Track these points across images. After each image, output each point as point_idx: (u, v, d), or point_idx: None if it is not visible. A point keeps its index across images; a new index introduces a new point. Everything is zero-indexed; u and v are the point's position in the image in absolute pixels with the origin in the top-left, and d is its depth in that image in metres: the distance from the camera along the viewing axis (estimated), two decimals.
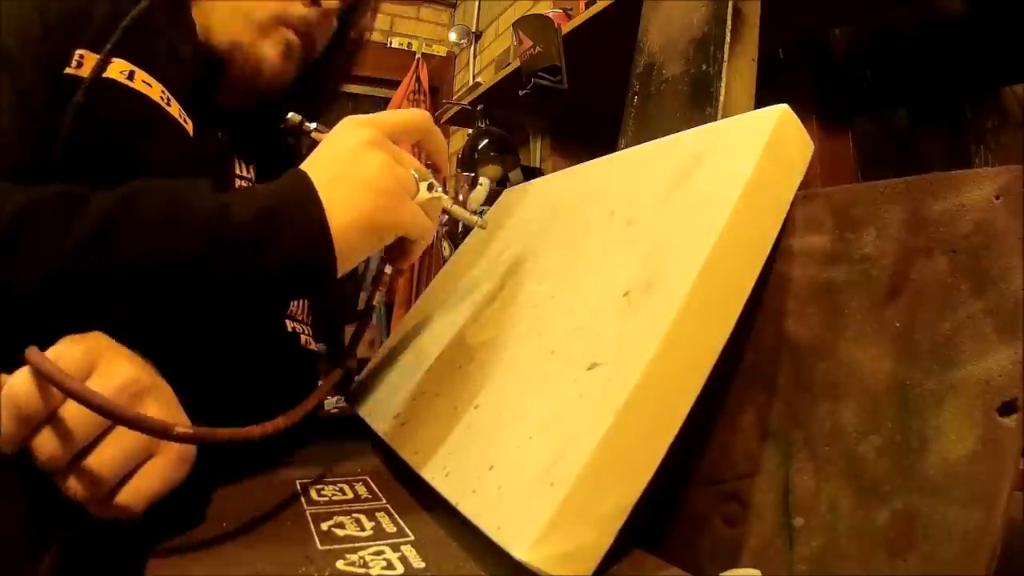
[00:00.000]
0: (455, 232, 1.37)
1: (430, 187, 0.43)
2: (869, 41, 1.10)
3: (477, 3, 2.44)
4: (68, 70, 0.43)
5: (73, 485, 0.31)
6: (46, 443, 0.30)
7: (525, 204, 0.59)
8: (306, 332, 0.60)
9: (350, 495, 0.41)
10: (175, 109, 0.48)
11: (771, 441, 0.32)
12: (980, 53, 0.95)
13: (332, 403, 0.77)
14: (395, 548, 0.33)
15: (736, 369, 0.35)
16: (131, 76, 0.45)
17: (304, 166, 0.41)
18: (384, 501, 0.40)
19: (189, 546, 0.32)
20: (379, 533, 0.35)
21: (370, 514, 0.37)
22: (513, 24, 1.43)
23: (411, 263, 0.47)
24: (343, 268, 0.39)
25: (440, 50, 2.69)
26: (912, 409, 0.27)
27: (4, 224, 0.33)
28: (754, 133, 0.35)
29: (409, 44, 2.71)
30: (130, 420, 0.30)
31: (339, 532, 0.34)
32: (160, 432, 0.31)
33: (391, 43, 2.69)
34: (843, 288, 0.32)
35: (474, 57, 2.42)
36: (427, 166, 0.46)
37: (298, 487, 0.41)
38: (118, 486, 0.32)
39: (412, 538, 0.34)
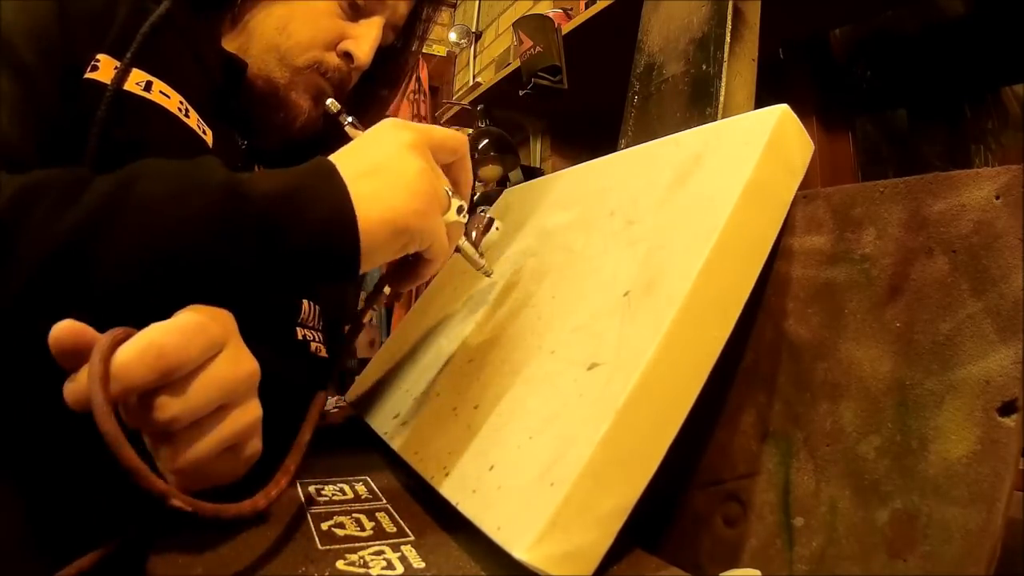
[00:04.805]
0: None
1: (459, 209, 0.41)
2: (869, 41, 1.10)
3: (477, 3, 2.44)
4: (87, 75, 0.43)
5: (178, 451, 0.30)
6: (175, 401, 0.29)
7: (525, 204, 0.59)
8: (317, 339, 0.59)
9: (350, 495, 0.41)
10: (193, 120, 0.48)
11: (771, 441, 0.32)
12: (980, 53, 0.95)
13: (332, 403, 0.77)
14: (395, 548, 0.33)
15: (736, 369, 0.35)
16: (148, 87, 0.45)
17: (333, 157, 0.39)
18: (384, 501, 0.40)
19: (189, 546, 0.32)
20: (379, 533, 0.35)
21: (370, 514, 0.37)
22: (513, 24, 1.42)
23: (414, 286, 0.45)
24: (367, 265, 0.37)
25: (440, 50, 2.69)
26: (912, 409, 0.27)
27: (1, 206, 0.31)
28: (754, 133, 0.35)
29: None
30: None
31: (339, 532, 0.34)
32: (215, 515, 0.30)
33: None
34: (843, 288, 0.32)
35: (474, 57, 2.42)
36: None
37: (298, 487, 0.41)
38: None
39: (412, 538, 0.34)
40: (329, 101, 0.50)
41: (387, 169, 0.38)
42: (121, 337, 0.28)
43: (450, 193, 0.41)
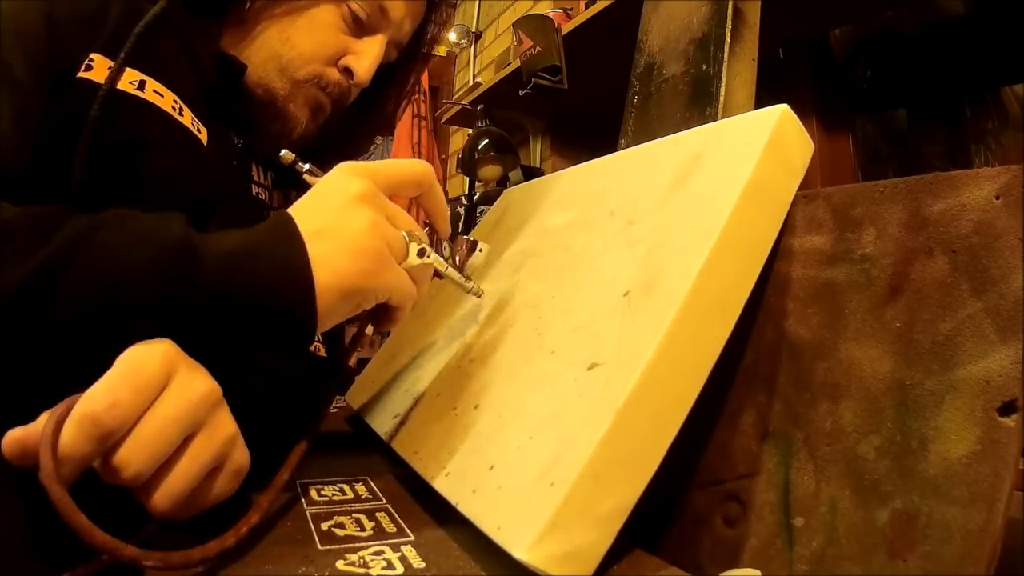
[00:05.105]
0: (455, 232, 1.37)
1: (420, 252, 0.40)
2: (869, 41, 1.10)
3: (477, 3, 2.44)
4: (80, 74, 0.43)
5: (157, 497, 0.30)
6: (132, 455, 0.29)
7: (525, 204, 0.59)
8: (317, 339, 0.59)
9: (350, 495, 0.41)
10: (187, 118, 0.48)
11: (771, 441, 0.32)
12: (980, 53, 0.95)
13: (333, 403, 0.76)
14: (395, 548, 0.33)
15: (736, 369, 0.35)
16: (141, 86, 0.45)
17: (291, 210, 0.38)
18: (384, 501, 0.40)
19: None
20: (379, 533, 0.35)
21: (370, 514, 0.37)
22: (513, 24, 1.42)
23: (394, 326, 0.44)
24: (320, 329, 0.37)
25: (440, 50, 2.68)
26: (912, 409, 0.27)
27: None
28: (754, 133, 0.35)
29: None
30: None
31: (339, 532, 0.34)
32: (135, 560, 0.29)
33: None
34: (843, 288, 0.32)
35: (474, 57, 2.42)
36: (424, 225, 0.44)
37: (298, 487, 0.41)
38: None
39: (412, 538, 0.34)
40: (283, 152, 0.47)
41: (333, 230, 0.37)
42: (63, 414, 0.28)
43: (407, 239, 0.40)
